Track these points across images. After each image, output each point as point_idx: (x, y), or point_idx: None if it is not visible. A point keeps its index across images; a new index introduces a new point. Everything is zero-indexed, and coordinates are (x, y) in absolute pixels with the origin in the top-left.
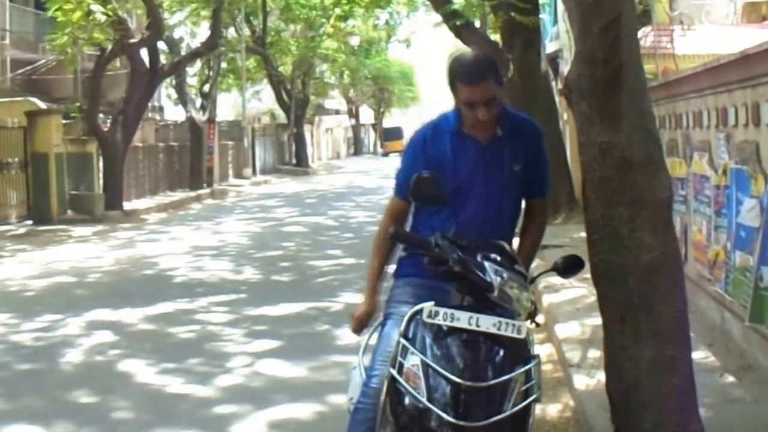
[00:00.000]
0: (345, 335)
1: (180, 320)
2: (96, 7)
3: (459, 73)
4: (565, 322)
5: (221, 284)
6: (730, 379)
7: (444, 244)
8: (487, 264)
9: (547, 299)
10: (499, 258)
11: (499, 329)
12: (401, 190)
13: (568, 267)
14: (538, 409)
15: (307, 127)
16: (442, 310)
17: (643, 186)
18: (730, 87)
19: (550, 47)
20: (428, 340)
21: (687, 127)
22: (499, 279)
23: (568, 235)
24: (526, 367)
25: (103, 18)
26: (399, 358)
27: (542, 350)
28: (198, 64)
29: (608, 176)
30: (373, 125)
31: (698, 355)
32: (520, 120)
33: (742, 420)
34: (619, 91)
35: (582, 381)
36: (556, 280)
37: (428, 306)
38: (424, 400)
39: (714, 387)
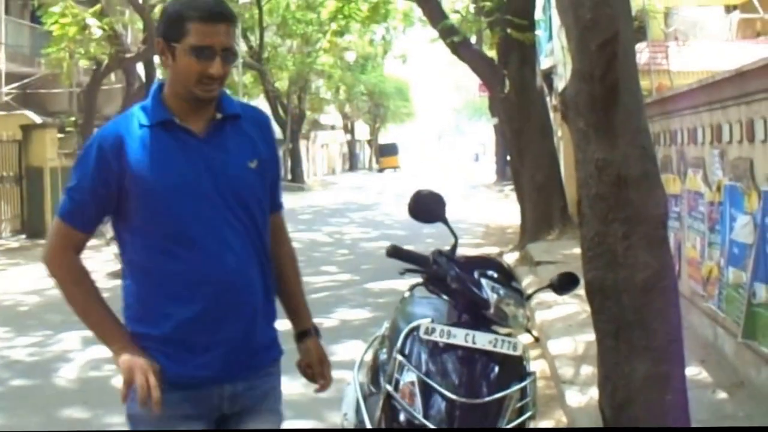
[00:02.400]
0: (339, 351)
1: None
2: (92, 21)
3: (191, 6)
4: (558, 338)
5: None
6: (723, 395)
7: (442, 260)
8: (483, 281)
9: (540, 316)
10: (495, 275)
11: (495, 346)
12: (76, 218)
13: (564, 284)
14: (531, 425)
15: (302, 143)
16: (438, 327)
17: (639, 203)
18: (725, 104)
19: (545, 63)
20: (424, 357)
21: (681, 144)
22: (495, 296)
23: (560, 251)
24: (522, 384)
25: (99, 32)
26: (395, 375)
27: (535, 366)
28: None
29: (604, 193)
30: (369, 141)
31: (691, 371)
32: (239, 103)
33: None
34: (615, 108)
35: (575, 397)
36: (549, 296)
37: (425, 322)
38: (419, 416)
39: (707, 403)
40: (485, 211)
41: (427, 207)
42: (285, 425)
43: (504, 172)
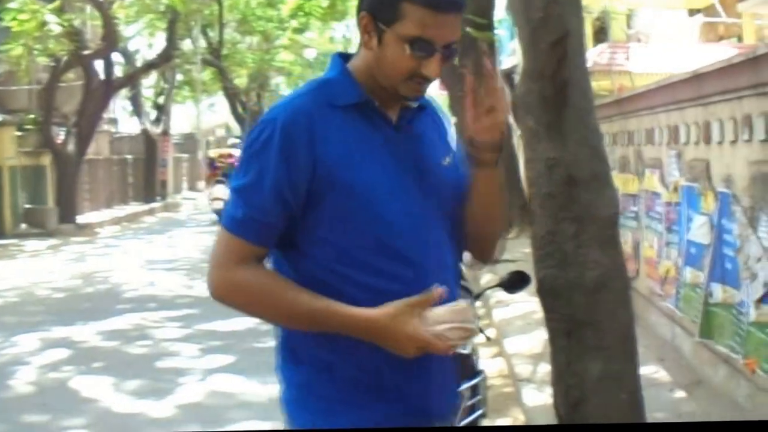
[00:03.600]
0: None
1: (133, 336)
2: (51, 18)
3: None
4: (515, 336)
5: (174, 299)
6: (681, 393)
7: None
8: None
9: (497, 314)
10: None
11: None
12: (252, 229)
13: (515, 282)
14: (487, 423)
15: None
16: None
17: (589, 203)
18: (682, 105)
19: (506, 62)
20: None
21: (639, 144)
22: None
23: (520, 249)
24: (472, 382)
25: (59, 29)
26: None
27: (493, 365)
28: (153, 75)
29: (554, 192)
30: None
31: (649, 370)
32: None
33: None
34: (565, 108)
35: (531, 395)
36: (507, 294)
37: None
38: None
39: (664, 402)
40: None
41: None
42: (239, 425)
43: None
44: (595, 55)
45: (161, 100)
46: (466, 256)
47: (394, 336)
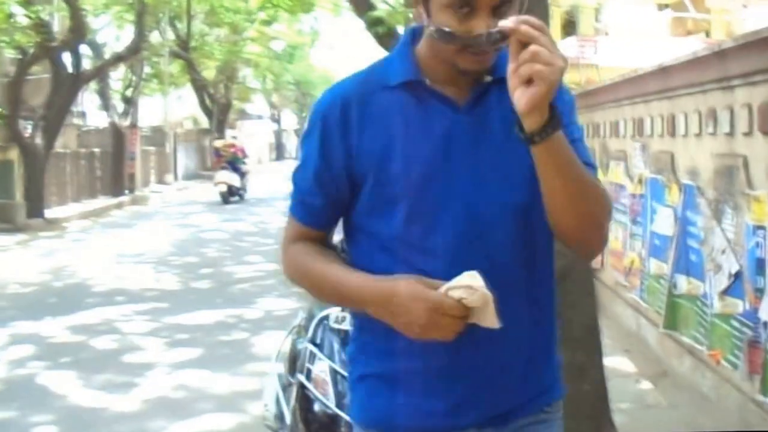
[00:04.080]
0: (263, 342)
1: (101, 330)
2: (18, 9)
3: None
4: None
5: (142, 292)
6: (647, 384)
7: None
8: None
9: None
10: None
11: None
12: (302, 210)
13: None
14: None
15: (229, 132)
16: (348, 315)
17: None
18: (648, 98)
19: None
20: (336, 346)
21: (604, 136)
22: None
23: None
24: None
25: (25, 20)
26: (307, 364)
27: None
28: (122, 68)
29: None
30: (296, 130)
31: (615, 360)
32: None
33: (657, 425)
34: None
35: None
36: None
37: (335, 311)
38: (332, 406)
39: (630, 392)
40: None
41: None
42: (205, 418)
43: None
44: (563, 48)
45: (129, 92)
46: None
47: (407, 301)
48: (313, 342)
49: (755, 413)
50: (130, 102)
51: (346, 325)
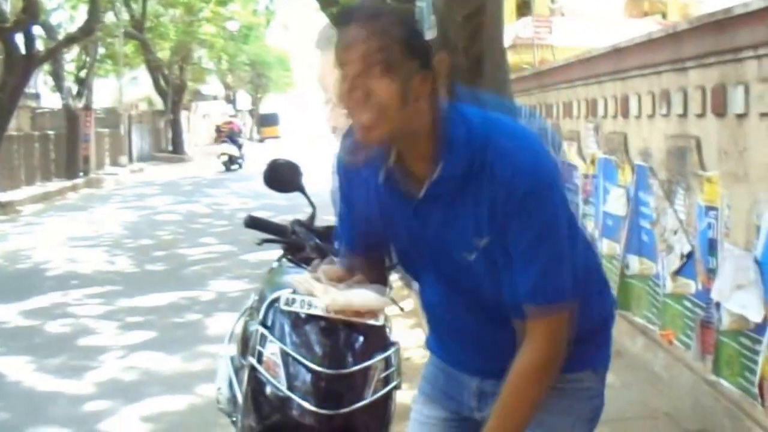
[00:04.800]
0: (216, 324)
1: (54, 314)
2: None
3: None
4: None
5: (96, 275)
6: None
7: (301, 230)
8: None
9: (417, 284)
10: None
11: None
12: (341, 237)
13: None
14: (408, 394)
15: (184, 114)
16: (299, 298)
17: None
18: (601, 79)
19: (428, 35)
20: (287, 328)
21: (557, 117)
22: None
23: None
24: (386, 354)
25: None
26: (258, 347)
27: (412, 336)
28: (75, 49)
29: None
30: (250, 111)
31: None
32: (494, 142)
33: (610, 404)
34: (479, 78)
35: None
36: None
37: (285, 293)
38: (284, 388)
39: None
40: None
41: (283, 176)
42: (156, 399)
43: None
44: (518, 29)
45: (83, 74)
46: None
47: None
48: (263, 324)
49: (707, 393)
50: (84, 83)
51: (297, 307)
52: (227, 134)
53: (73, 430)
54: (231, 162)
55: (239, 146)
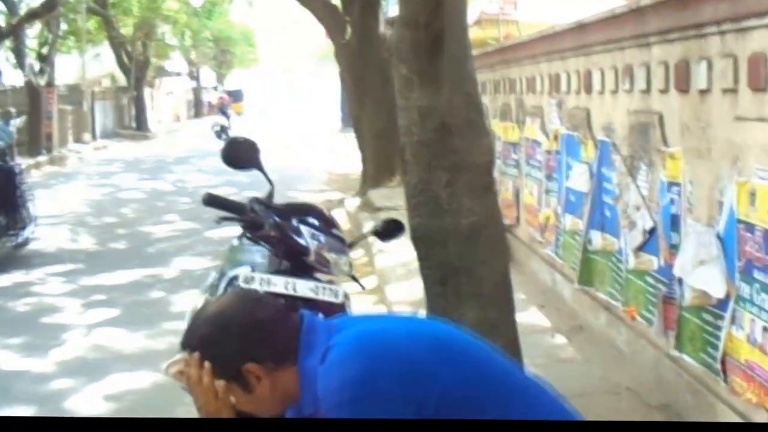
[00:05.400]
0: (179, 301)
1: (16, 293)
2: None
3: None
4: (397, 283)
5: (59, 254)
6: (562, 339)
7: (260, 208)
8: (303, 228)
9: (379, 262)
10: (316, 222)
11: (316, 294)
12: None
13: (388, 230)
14: None
15: (147, 90)
16: (258, 276)
17: (463, 150)
18: (564, 54)
19: (393, 11)
20: None
21: (521, 92)
22: (315, 243)
23: (401, 197)
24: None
25: None
26: None
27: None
28: (37, 25)
29: (427, 140)
30: (215, 87)
31: (530, 316)
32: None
33: (572, 379)
34: (439, 56)
35: None
36: (389, 243)
37: (243, 271)
38: None
39: (545, 347)
40: (330, 157)
41: (241, 154)
42: (120, 377)
43: (348, 120)
44: (484, 4)
45: (45, 50)
46: (352, 202)
47: None
48: None
49: (670, 368)
50: (46, 60)
51: (255, 285)
52: (219, 107)
53: (38, 409)
54: (222, 131)
55: (228, 117)
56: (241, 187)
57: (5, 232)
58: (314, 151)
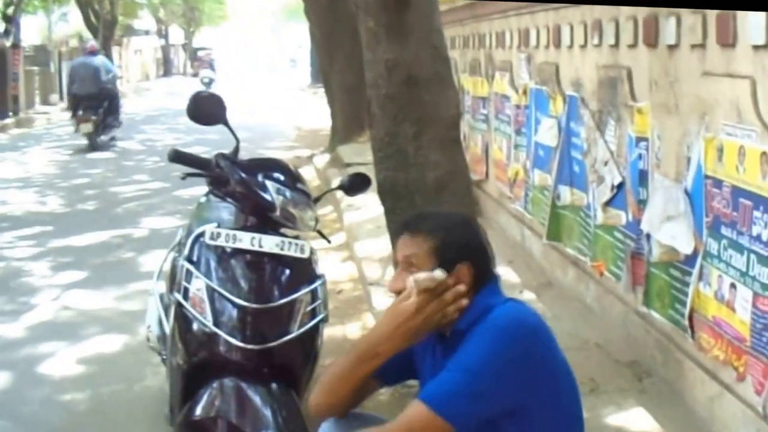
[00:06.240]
0: (149, 262)
1: None
2: None
3: None
4: (365, 239)
5: (27, 217)
6: (531, 295)
7: (225, 164)
8: (269, 183)
9: (348, 218)
10: (281, 177)
11: (282, 249)
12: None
13: (355, 185)
14: (338, 329)
15: (115, 50)
16: (224, 232)
17: (430, 104)
18: (533, 9)
19: None
20: (213, 263)
21: (490, 47)
22: (281, 198)
23: (371, 153)
24: (312, 287)
25: None
26: (184, 283)
27: (343, 269)
28: None
29: (394, 94)
30: (183, 45)
31: (499, 271)
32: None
33: None
34: (406, 9)
35: (381, 299)
36: (358, 199)
37: (210, 228)
38: (210, 324)
39: None
40: (299, 113)
41: (206, 110)
42: (93, 341)
43: (317, 76)
44: None
45: (11, 11)
46: (321, 158)
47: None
48: (189, 260)
49: (638, 324)
50: (11, 21)
51: (222, 242)
52: (207, 62)
53: (11, 374)
54: (210, 83)
55: (214, 70)
56: (213, 145)
57: None
58: (283, 108)
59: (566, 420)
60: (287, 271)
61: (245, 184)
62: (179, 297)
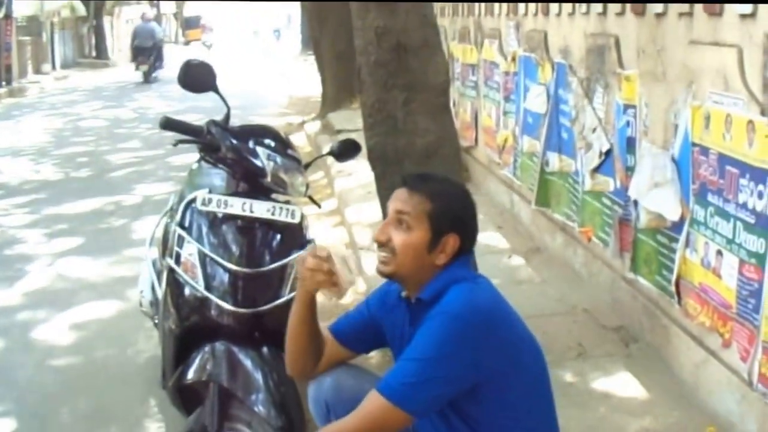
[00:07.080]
0: (142, 228)
1: None
2: None
3: None
4: (356, 205)
5: (20, 185)
6: (519, 260)
7: (216, 130)
8: (259, 149)
9: (339, 184)
10: (272, 143)
11: (273, 214)
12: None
13: (345, 151)
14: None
15: (107, 19)
16: (215, 197)
17: (419, 70)
18: None
19: None
20: (204, 228)
21: (479, 15)
22: (272, 164)
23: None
24: (302, 252)
25: None
26: (176, 248)
27: (334, 234)
28: None
29: (383, 60)
30: (175, 14)
31: (488, 237)
32: (448, 293)
33: (529, 300)
34: None
35: (372, 264)
36: (349, 164)
37: (201, 193)
38: (202, 289)
39: (503, 268)
40: (290, 81)
41: (196, 77)
42: (86, 307)
43: (308, 43)
44: None
45: None
46: (312, 125)
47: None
48: (181, 225)
49: (625, 290)
50: None
51: (213, 207)
52: (208, 27)
53: (6, 341)
54: (209, 47)
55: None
56: (205, 112)
57: None
58: (274, 75)
59: (533, 388)
60: (278, 236)
61: (236, 151)
62: (171, 262)
